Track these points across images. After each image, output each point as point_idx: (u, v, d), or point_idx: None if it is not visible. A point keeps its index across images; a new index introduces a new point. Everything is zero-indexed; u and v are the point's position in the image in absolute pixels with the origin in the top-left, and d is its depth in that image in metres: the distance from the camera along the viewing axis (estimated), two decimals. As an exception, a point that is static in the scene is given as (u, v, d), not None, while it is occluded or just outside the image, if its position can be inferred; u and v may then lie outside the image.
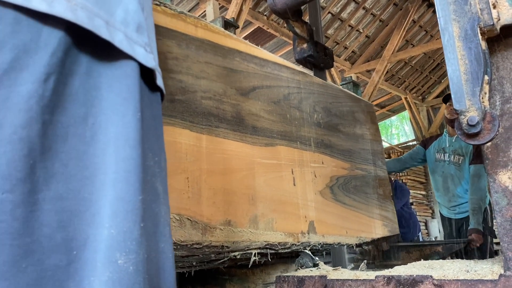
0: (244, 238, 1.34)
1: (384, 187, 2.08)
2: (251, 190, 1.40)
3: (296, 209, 1.56)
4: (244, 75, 1.47)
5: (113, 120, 0.51)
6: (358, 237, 1.81)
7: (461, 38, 1.08)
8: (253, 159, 1.44)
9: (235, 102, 1.41)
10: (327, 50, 2.21)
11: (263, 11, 7.70)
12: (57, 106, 0.48)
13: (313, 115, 1.74)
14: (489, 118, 1.04)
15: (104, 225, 0.47)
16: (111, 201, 0.48)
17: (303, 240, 1.56)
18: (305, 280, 1.37)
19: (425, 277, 1.13)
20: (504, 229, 1.10)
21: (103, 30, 0.51)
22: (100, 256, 0.46)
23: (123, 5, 0.56)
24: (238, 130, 1.40)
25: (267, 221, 1.44)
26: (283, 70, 1.65)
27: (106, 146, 0.50)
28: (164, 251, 0.56)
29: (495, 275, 1.07)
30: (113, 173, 0.49)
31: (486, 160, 1.15)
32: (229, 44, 1.43)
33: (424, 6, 9.42)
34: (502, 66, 1.17)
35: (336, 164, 1.81)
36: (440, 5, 1.12)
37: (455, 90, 1.07)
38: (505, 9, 1.10)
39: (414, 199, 10.13)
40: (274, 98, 1.57)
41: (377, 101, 12.12)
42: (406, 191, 4.78)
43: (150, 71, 0.58)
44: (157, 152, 0.58)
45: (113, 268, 0.45)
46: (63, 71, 0.48)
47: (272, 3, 1.83)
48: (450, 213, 3.59)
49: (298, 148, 1.63)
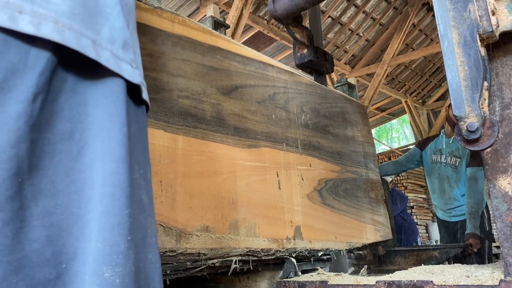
0: (223, 245, 1.25)
1: (377, 190, 1.99)
2: (232, 194, 1.31)
3: (281, 213, 1.47)
4: (226, 74, 1.38)
5: (100, 135, 0.52)
6: (348, 242, 1.72)
7: (461, 44, 1.08)
8: (234, 161, 1.35)
9: (215, 101, 1.33)
10: (327, 55, 2.20)
11: (263, 16, 7.64)
12: (44, 124, 0.48)
13: (301, 116, 1.65)
14: (488, 124, 1.04)
15: (91, 238, 0.47)
16: (98, 215, 0.49)
17: (289, 246, 1.47)
18: (306, 285, 1.34)
19: (426, 283, 1.12)
20: (504, 234, 1.09)
21: (90, 50, 0.52)
22: (88, 269, 0.46)
23: (109, 23, 0.56)
24: (218, 131, 1.32)
25: (249, 227, 1.35)
26: (269, 69, 1.56)
27: (93, 161, 0.51)
28: (152, 261, 0.56)
29: (496, 281, 1.06)
30: (100, 187, 0.50)
31: (486, 166, 1.14)
32: (209, 41, 1.35)
33: (424, 10, 9.33)
34: (501, 72, 1.16)
35: (325, 167, 1.71)
36: (440, 12, 1.12)
37: (455, 96, 1.06)
38: (504, 16, 1.09)
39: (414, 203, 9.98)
40: (258, 98, 1.49)
41: (378, 104, 12.02)
42: (404, 197, 4.70)
43: (136, 85, 0.59)
44: (143, 165, 0.59)
45: (100, 281, 0.46)
46: (50, 90, 0.49)
47: (273, 9, 1.83)
48: (446, 215, 3.47)
49: (284, 150, 1.55)
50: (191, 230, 1.17)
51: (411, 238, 4.53)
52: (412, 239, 4.53)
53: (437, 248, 2.85)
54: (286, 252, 1.46)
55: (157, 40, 1.19)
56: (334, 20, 8.49)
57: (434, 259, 2.76)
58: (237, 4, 6.42)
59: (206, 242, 1.20)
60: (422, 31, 9.90)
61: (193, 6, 6.98)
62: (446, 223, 3.49)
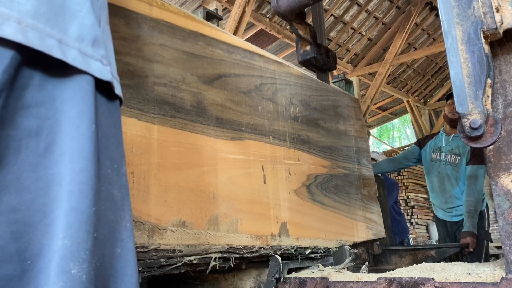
0: (201, 241, 1.16)
1: (369, 187, 1.89)
2: (212, 187, 1.23)
3: (266, 209, 1.38)
4: (208, 61, 1.29)
5: (68, 132, 0.51)
6: (338, 240, 1.62)
7: (464, 41, 1.07)
8: (216, 153, 1.26)
9: (196, 90, 1.23)
10: (330, 52, 2.18)
11: (266, 13, 7.55)
12: (8, 120, 0.47)
13: (290, 108, 1.56)
14: (491, 121, 1.03)
15: (58, 235, 0.46)
16: (65, 212, 0.48)
17: (273, 243, 1.38)
18: (307, 281, 1.32)
19: (427, 280, 1.11)
20: (506, 232, 1.08)
21: (55, 50, 0.50)
22: (53, 265, 0.45)
23: (78, 20, 0.55)
24: (198, 121, 1.23)
25: (230, 222, 1.26)
26: (256, 58, 1.47)
27: (60, 158, 0.50)
28: (122, 255, 0.55)
29: (497, 278, 1.05)
30: (68, 184, 0.49)
31: (488, 163, 1.13)
32: (190, 27, 1.26)
33: (426, 9, 9.20)
34: (505, 70, 1.15)
35: (315, 162, 1.62)
36: (444, 9, 1.11)
37: (458, 93, 1.05)
38: (508, 13, 1.08)
39: (415, 203, 9.86)
40: (243, 88, 1.40)
41: (379, 104, 11.90)
42: (394, 184, 4.33)
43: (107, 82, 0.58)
44: (116, 159, 0.58)
45: (67, 278, 0.45)
46: (14, 87, 0.48)
47: (276, 5, 1.80)
48: (446, 215, 3.34)
49: (271, 143, 1.45)
50: (166, 225, 1.08)
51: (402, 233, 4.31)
52: (402, 235, 4.30)
53: (433, 248, 2.75)
54: (271, 250, 1.37)
55: (132, 23, 1.10)
56: (337, 19, 8.38)
57: (431, 258, 2.67)
58: (239, 2, 6.34)
59: (182, 238, 1.12)
60: (424, 31, 9.77)
61: (195, 3, 6.89)
62: (446, 223, 3.36)
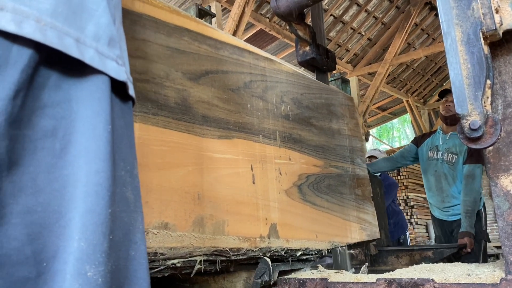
0: (185, 244, 1.11)
1: (364, 187, 1.83)
2: (197, 188, 1.17)
3: (255, 210, 1.33)
4: (194, 58, 1.24)
5: (84, 132, 0.50)
6: (330, 241, 1.57)
7: (464, 42, 1.07)
8: (202, 152, 1.21)
9: (180, 87, 1.18)
10: (329, 52, 2.17)
11: (266, 13, 7.51)
12: (25, 121, 0.47)
13: (280, 106, 1.51)
14: (491, 122, 1.03)
15: (74, 237, 0.46)
16: (81, 213, 0.47)
17: (262, 245, 1.33)
18: (307, 282, 1.32)
19: (427, 281, 1.11)
20: (506, 233, 1.08)
21: (73, 49, 0.50)
22: (69, 268, 0.45)
23: (94, 19, 0.54)
24: (183, 119, 1.18)
25: (216, 224, 1.21)
26: (245, 55, 1.42)
27: (76, 158, 0.49)
28: (136, 258, 0.55)
29: (497, 279, 1.05)
30: (84, 186, 0.48)
31: (488, 164, 1.12)
32: (175, 22, 1.21)
33: (426, 9, 9.15)
34: (505, 71, 1.14)
35: (307, 161, 1.57)
36: (443, 10, 1.10)
37: (457, 94, 1.05)
38: (508, 14, 1.08)
39: (415, 202, 9.80)
40: (232, 85, 1.35)
41: (379, 103, 11.84)
42: (394, 184, 4.25)
43: (122, 82, 0.57)
44: (129, 161, 0.58)
45: (83, 280, 0.45)
46: (32, 86, 0.47)
47: (275, 6, 1.79)
48: (442, 214, 3.28)
49: (260, 142, 1.40)
50: (147, 227, 1.03)
51: (399, 230, 4.23)
52: (398, 233, 4.22)
53: (431, 248, 2.70)
54: (260, 252, 1.32)
55: (112, 17, 1.05)
56: (336, 19, 8.33)
57: (428, 259, 2.61)
58: (239, 2, 6.29)
59: (164, 240, 1.06)
60: (424, 31, 9.72)
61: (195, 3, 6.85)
62: (442, 222, 3.30)
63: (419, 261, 2.59)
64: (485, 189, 9.30)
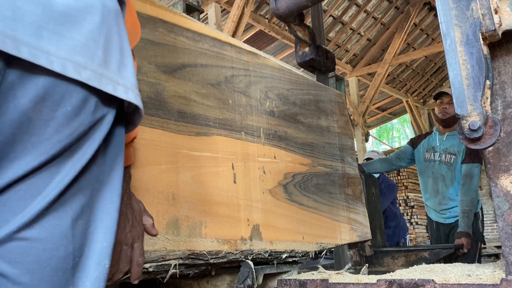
0: (157, 247, 1.03)
1: (354, 186, 1.74)
2: (172, 188, 1.09)
3: (236, 211, 1.24)
4: (170, 50, 1.16)
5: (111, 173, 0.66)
6: (318, 243, 1.48)
7: (463, 43, 1.06)
8: (177, 150, 1.13)
9: (154, 80, 1.10)
10: (329, 53, 2.15)
11: (265, 14, 7.43)
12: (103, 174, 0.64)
13: (265, 102, 1.42)
14: (490, 123, 1.03)
15: (98, 239, 0.61)
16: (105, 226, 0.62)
17: (244, 248, 1.24)
18: (307, 283, 1.32)
19: (427, 281, 1.11)
20: (506, 233, 1.07)
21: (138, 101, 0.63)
22: (93, 262, 0.60)
23: (129, 66, 0.65)
24: (157, 114, 1.09)
25: (193, 226, 1.12)
26: (226, 48, 1.33)
27: (104, 196, 0.64)
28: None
29: (497, 280, 1.05)
30: (107, 213, 0.63)
31: (488, 165, 1.11)
32: (149, 12, 1.12)
33: (425, 9, 9.05)
34: (504, 71, 1.14)
35: (293, 159, 1.48)
36: (442, 11, 1.09)
37: (457, 95, 1.04)
38: (507, 15, 1.07)
39: (415, 203, 9.69)
40: (211, 79, 1.26)
41: (378, 104, 11.74)
42: (393, 186, 4.16)
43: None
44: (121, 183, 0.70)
45: (101, 269, 0.60)
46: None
47: (275, 7, 1.78)
48: (439, 217, 3.17)
49: (243, 139, 1.32)
50: (114, 229, 0.95)
51: (399, 233, 4.14)
52: (399, 235, 4.12)
53: (427, 249, 2.60)
54: (241, 255, 1.24)
55: (77, 6, 0.97)
56: (336, 19, 8.25)
57: (424, 260, 2.52)
58: (238, 3, 6.22)
59: (134, 243, 0.98)
60: (423, 31, 9.62)
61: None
62: (439, 224, 3.19)
63: (415, 262, 2.50)
64: (485, 189, 9.19)
